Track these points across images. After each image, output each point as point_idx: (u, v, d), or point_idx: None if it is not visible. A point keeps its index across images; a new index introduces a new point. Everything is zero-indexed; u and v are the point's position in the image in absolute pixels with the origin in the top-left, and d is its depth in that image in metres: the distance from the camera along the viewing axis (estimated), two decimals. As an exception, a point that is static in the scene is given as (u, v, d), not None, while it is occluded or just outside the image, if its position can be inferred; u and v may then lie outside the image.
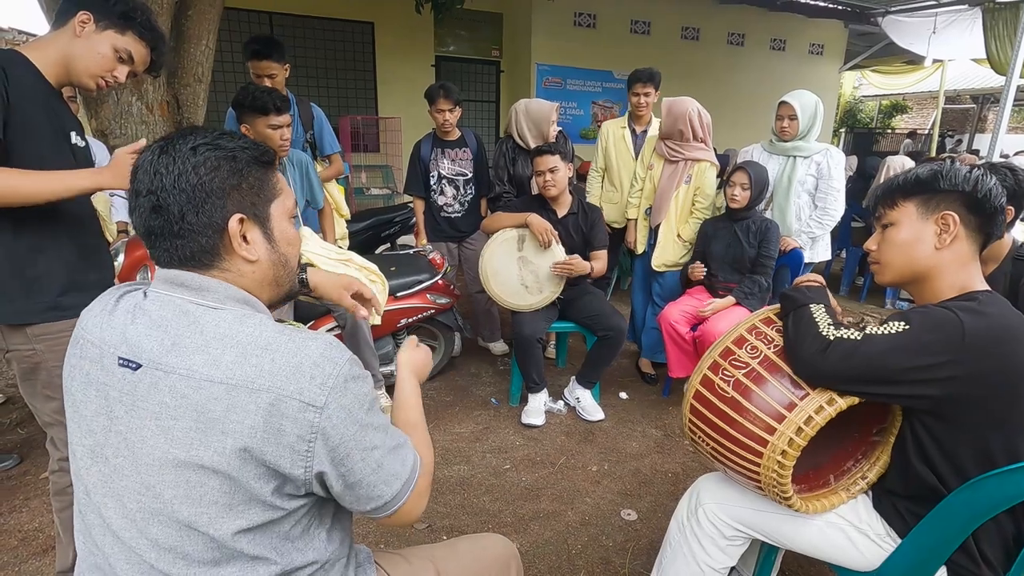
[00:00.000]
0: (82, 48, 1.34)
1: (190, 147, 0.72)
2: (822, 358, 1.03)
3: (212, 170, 0.72)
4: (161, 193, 0.71)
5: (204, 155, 0.72)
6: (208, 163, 0.72)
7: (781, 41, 8.41)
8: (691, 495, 1.34)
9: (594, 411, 2.67)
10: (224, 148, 0.74)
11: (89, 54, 1.34)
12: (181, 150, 0.72)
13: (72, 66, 1.35)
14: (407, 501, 0.79)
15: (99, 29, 1.34)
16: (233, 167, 0.74)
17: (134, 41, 1.39)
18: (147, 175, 0.72)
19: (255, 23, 6.08)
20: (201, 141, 0.73)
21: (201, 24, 2.73)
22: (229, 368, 0.67)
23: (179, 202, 0.71)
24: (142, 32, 1.40)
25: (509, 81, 7.56)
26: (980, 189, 1.04)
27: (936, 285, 1.08)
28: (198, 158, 0.72)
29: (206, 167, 0.72)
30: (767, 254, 2.56)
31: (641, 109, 3.09)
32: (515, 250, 2.60)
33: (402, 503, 0.78)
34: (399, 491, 0.78)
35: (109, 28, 1.35)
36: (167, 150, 0.72)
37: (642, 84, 3.02)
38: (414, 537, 1.89)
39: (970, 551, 1.04)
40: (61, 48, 1.34)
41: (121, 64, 1.40)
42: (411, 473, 0.79)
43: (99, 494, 0.72)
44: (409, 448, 0.81)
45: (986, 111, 13.35)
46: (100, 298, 0.79)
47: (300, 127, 2.84)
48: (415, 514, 0.82)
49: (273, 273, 0.80)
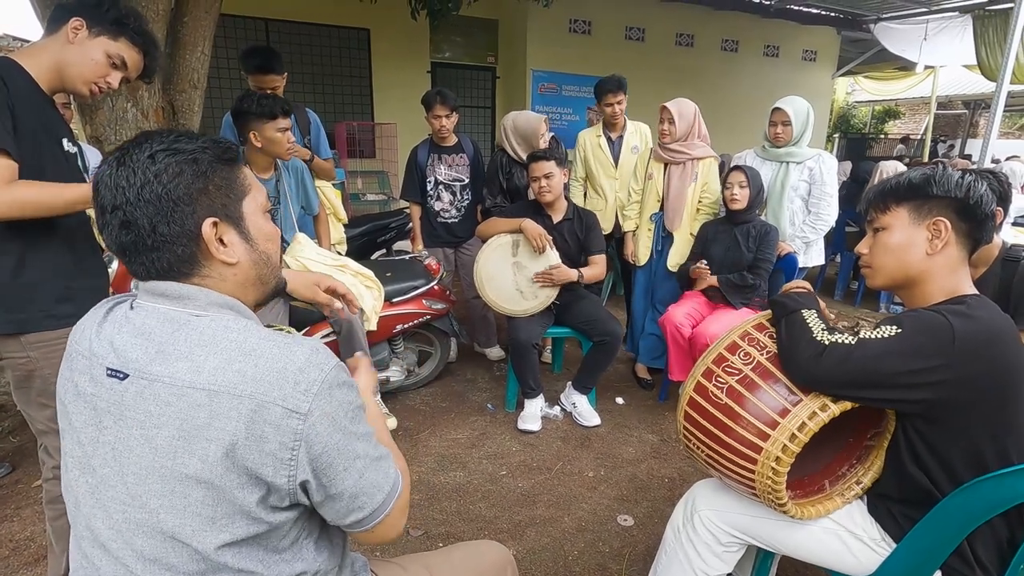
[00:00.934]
0: (75, 54, 1.34)
1: (147, 155, 0.69)
2: (817, 363, 1.04)
3: (175, 176, 0.70)
4: (127, 208, 0.69)
5: (164, 162, 0.70)
6: (169, 170, 0.70)
7: (775, 48, 8.47)
8: (687, 501, 1.34)
9: (590, 416, 2.67)
10: (183, 151, 0.71)
11: (82, 60, 1.35)
12: (139, 159, 0.69)
13: (65, 72, 1.35)
14: (389, 515, 0.76)
15: (92, 35, 1.35)
16: (196, 170, 0.71)
17: (127, 47, 1.40)
18: (109, 190, 0.69)
19: (251, 29, 6.09)
20: (158, 148, 0.70)
21: (196, 31, 2.73)
22: (211, 374, 0.66)
23: (147, 215, 0.69)
24: (135, 38, 1.41)
25: (504, 87, 7.59)
26: (972, 195, 1.05)
27: (926, 289, 1.09)
28: (158, 166, 0.69)
29: (168, 174, 0.69)
30: (764, 257, 2.57)
31: (616, 117, 3.11)
32: (510, 255, 2.61)
33: (383, 516, 0.76)
34: (381, 504, 0.75)
35: (102, 34, 1.36)
36: (124, 161, 0.69)
37: (612, 93, 3.03)
38: (410, 544, 1.88)
39: (965, 555, 1.04)
40: (54, 55, 1.34)
41: (114, 70, 1.40)
42: (393, 486, 0.77)
43: (88, 505, 0.71)
44: (391, 461, 0.79)
45: (978, 116, 13.48)
46: (92, 311, 0.78)
47: (298, 132, 2.85)
48: (395, 531, 0.79)
49: (256, 272, 0.79)
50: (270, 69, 2.64)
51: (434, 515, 2.02)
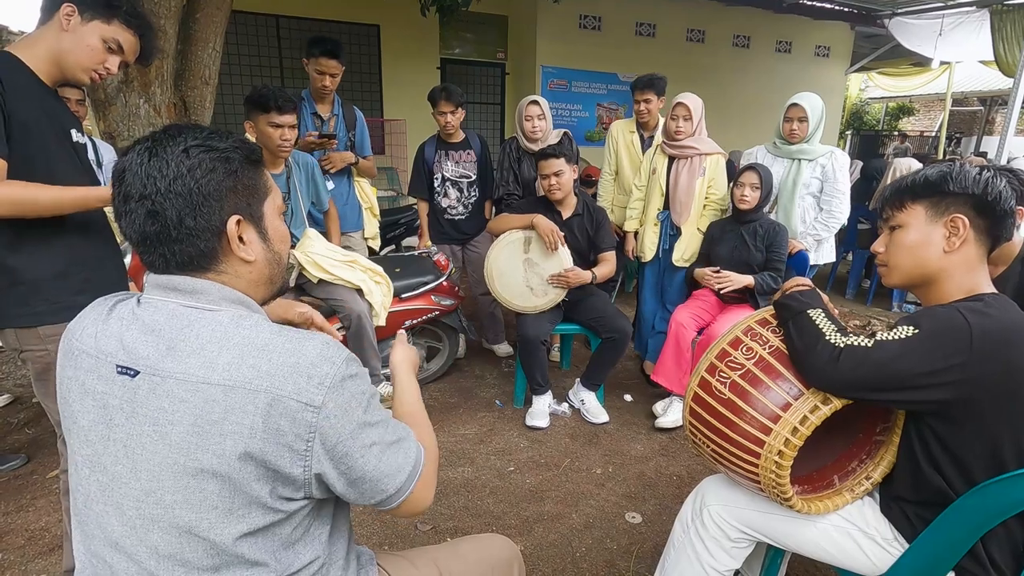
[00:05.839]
0: (70, 42, 1.33)
1: (182, 149, 0.70)
2: (834, 367, 1.02)
3: (208, 172, 0.71)
4: (156, 197, 0.69)
5: (198, 157, 0.71)
6: (203, 165, 0.71)
7: (787, 43, 8.38)
8: (695, 496, 1.33)
9: (598, 413, 2.67)
10: (217, 149, 0.72)
11: (78, 47, 1.33)
12: (173, 152, 0.70)
13: (63, 61, 1.34)
14: (413, 491, 0.79)
15: (84, 20, 1.33)
16: (228, 168, 0.73)
17: (121, 29, 1.38)
18: (138, 179, 0.70)
19: (262, 26, 6.12)
20: (193, 143, 0.71)
21: (208, 27, 2.75)
22: (226, 370, 0.67)
23: (176, 207, 0.70)
24: (128, 20, 1.39)
25: (514, 83, 7.56)
26: (990, 192, 1.03)
27: (944, 288, 1.07)
28: (192, 160, 0.70)
29: (201, 169, 0.71)
30: (778, 257, 2.54)
31: (644, 116, 3.07)
32: (521, 252, 2.60)
33: (408, 494, 0.79)
34: (403, 483, 0.78)
35: (95, 18, 1.34)
36: (156, 152, 0.70)
37: (640, 91, 3.01)
38: (418, 539, 1.89)
39: (979, 556, 1.02)
40: (50, 44, 1.33)
41: (111, 54, 1.38)
42: (415, 465, 0.80)
43: (99, 503, 0.71)
44: (411, 440, 0.81)
45: (994, 113, 13.25)
46: (91, 307, 0.78)
47: (344, 127, 2.91)
48: (423, 504, 0.82)
49: (269, 272, 0.80)
50: (335, 55, 2.66)
51: (442, 510, 2.03)
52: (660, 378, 2.62)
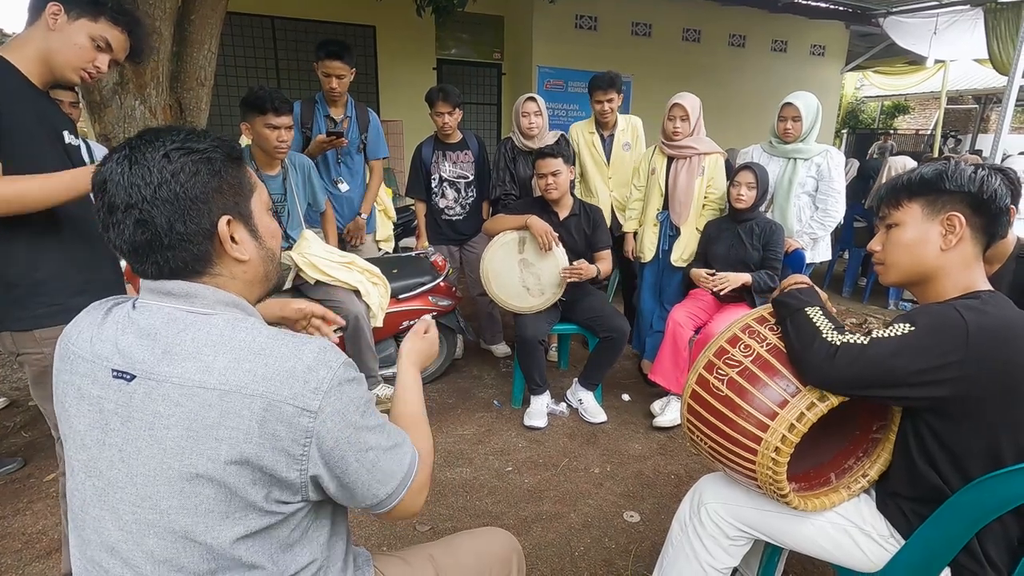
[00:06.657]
0: (58, 41, 1.31)
1: (162, 154, 0.69)
2: (831, 364, 1.03)
3: (192, 175, 0.70)
4: (143, 206, 0.68)
5: (180, 161, 0.70)
6: (187, 169, 0.70)
7: (782, 42, 8.40)
8: (693, 494, 1.34)
9: (596, 413, 2.67)
10: (198, 151, 0.71)
11: (66, 47, 1.32)
12: (153, 158, 0.69)
13: (52, 61, 1.32)
14: (405, 497, 0.79)
15: (71, 19, 1.31)
16: (211, 169, 0.72)
17: (109, 27, 1.36)
18: (121, 188, 0.68)
19: (257, 27, 6.10)
20: (172, 146, 0.70)
21: (203, 29, 2.74)
22: (222, 374, 0.67)
23: (165, 213, 0.69)
24: (115, 17, 1.37)
25: (510, 84, 7.56)
26: (986, 190, 1.03)
27: (940, 285, 1.08)
28: (174, 165, 0.69)
29: (185, 173, 0.70)
30: (774, 255, 2.55)
31: (606, 115, 3.00)
32: (516, 252, 2.60)
33: (399, 499, 0.79)
34: (395, 489, 0.78)
35: (81, 16, 1.32)
36: (137, 159, 0.69)
37: (603, 91, 2.94)
38: (416, 539, 1.89)
39: (974, 552, 1.03)
40: (38, 44, 1.31)
41: (100, 53, 1.37)
42: (408, 470, 0.80)
43: (95, 508, 0.71)
44: (407, 446, 0.81)
45: (988, 111, 13.30)
46: (87, 311, 0.78)
47: (356, 129, 2.92)
48: (414, 508, 0.82)
49: (263, 269, 0.80)
50: (339, 56, 2.68)
51: (440, 511, 2.03)
52: (658, 377, 2.62)
